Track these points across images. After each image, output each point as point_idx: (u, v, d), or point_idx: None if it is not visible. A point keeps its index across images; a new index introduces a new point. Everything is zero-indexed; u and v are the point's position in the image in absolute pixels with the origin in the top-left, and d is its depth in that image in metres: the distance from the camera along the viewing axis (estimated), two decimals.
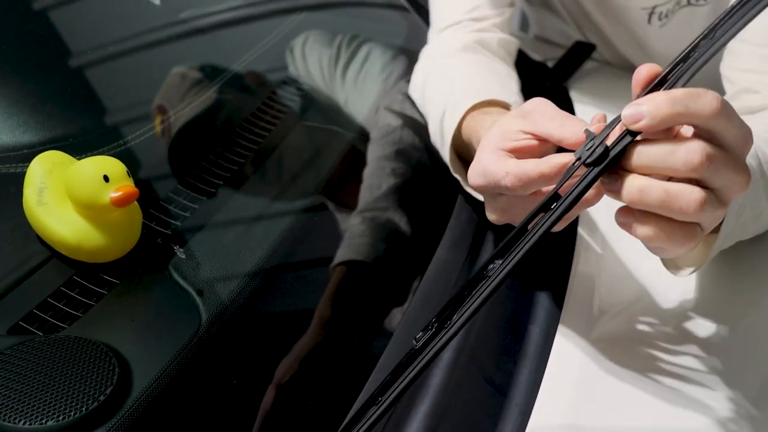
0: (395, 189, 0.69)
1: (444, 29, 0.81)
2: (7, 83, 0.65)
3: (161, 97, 0.70)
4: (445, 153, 0.67)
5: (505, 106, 0.64)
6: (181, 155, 0.66)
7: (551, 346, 0.55)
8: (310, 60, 0.85)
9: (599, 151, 0.39)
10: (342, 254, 0.62)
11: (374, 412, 0.40)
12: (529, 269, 0.63)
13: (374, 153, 0.74)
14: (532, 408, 0.50)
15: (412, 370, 0.40)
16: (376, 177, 0.70)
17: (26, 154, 0.57)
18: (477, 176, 0.50)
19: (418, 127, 0.77)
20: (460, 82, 0.71)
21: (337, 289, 0.60)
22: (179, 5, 0.82)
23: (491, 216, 0.53)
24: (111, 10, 0.79)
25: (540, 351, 0.56)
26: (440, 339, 0.39)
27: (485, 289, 0.39)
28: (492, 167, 0.48)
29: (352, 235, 0.64)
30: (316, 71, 0.85)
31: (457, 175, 0.67)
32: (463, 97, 0.64)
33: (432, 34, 0.84)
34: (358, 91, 0.86)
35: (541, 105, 0.49)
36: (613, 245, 0.65)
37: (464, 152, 0.66)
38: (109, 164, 0.51)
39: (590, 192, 0.41)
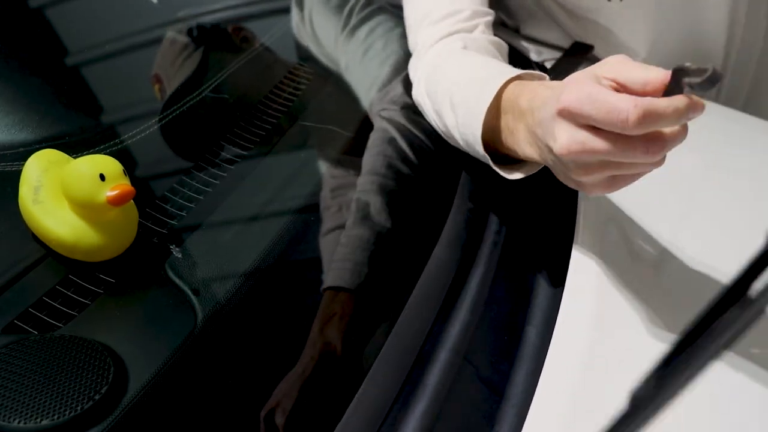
0: (385, 205, 0.68)
1: (429, 26, 0.76)
2: (3, 81, 0.65)
3: None
4: (477, 129, 0.62)
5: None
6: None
7: (548, 348, 0.55)
8: (317, 17, 0.83)
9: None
10: (332, 279, 0.61)
11: None
12: (526, 270, 0.63)
13: (367, 165, 0.73)
14: (529, 409, 0.50)
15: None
16: (367, 193, 0.69)
17: (22, 152, 0.57)
18: (582, 102, 0.47)
19: (411, 136, 0.76)
20: (479, 68, 0.67)
21: (326, 314, 0.58)
22: (177, 4, 0.82)
23: (579, 178, 0.51)
24: (109, 8, 0.79)
25: (537, 352, 0.56)
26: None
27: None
28: (610, 96, 0.45)
29: (340, 258, 0.63)
30: (321, 29, 0.83)
31: (490, 161, 0.62)
32: (493, 76, 0.61)
33: (414, 33, 0.78)
34: (359, 62, 0.84)
35: (620, 57, 0.50)
36: (611, 248, 0.65)
37: (492, 136, 0.63)
38: (106, 163, 0.51)
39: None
